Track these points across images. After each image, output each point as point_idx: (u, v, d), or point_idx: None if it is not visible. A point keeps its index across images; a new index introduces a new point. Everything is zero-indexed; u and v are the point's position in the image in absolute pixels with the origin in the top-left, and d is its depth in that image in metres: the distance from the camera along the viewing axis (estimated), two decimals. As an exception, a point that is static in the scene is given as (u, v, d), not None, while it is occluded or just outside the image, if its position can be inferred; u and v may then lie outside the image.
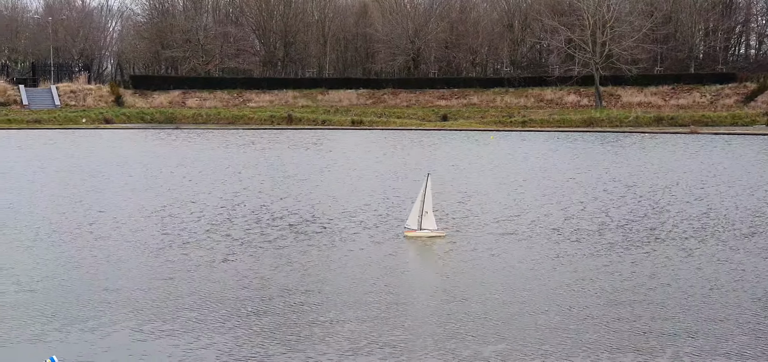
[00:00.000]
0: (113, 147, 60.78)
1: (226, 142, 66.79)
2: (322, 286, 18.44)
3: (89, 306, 16.50)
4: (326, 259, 21.26)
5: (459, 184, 37.68)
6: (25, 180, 38.26)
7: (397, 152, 57.86)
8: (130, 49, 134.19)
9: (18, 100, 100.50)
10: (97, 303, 16.69)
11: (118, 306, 16.50)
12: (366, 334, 14.86)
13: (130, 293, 17.55)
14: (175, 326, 15.24)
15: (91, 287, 18.05)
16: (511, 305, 16.95)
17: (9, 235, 23.90)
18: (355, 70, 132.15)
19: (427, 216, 23.42)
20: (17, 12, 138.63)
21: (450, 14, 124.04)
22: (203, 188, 35.46)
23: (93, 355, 13.67)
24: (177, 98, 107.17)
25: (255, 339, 14.51)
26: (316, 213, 28.52)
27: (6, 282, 18.34)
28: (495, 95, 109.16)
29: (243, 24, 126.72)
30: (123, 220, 26.74)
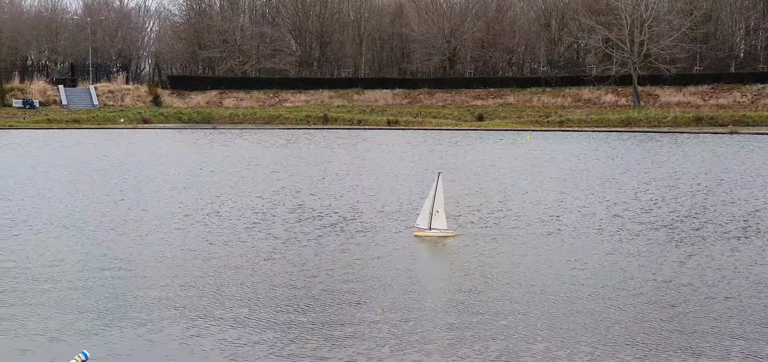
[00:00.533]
0: (152, 146, 61.25)
1: (262, 141, 67.06)
2: (365, 283, 18.41)
3: (138, 303, 16.60)
4: (368, 256, 21.22)
5: (498, 184, 37.52)
6: (66, 178, 38.60)
7: (433, 152, 57.73)
8: (168, 50, 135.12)
9: (57, 99, 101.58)
10: (147, 301, 16.78)
11: (167, 303, 16.58)
12: (409, 332, 14.79)
13: (177, 290, 17.62)
14: (224, 322, 15.27)
15: (140, 284, 18.16)
16: (557, 304, 16.81)
17: (55, 233, 24.11)
18: (390, 70, 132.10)
19: (437, 216, 23.12)
20: (57, 13, 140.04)
21: (486, 13, 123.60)
22: (242, 187, 35.59)
23: (145, 351, 13.73)
24: (214, 98, 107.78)
25: (302, 335, 14.49)
26: (355, 212, 28.50)
27: (59, 278, 18.50)
28: (532, 95, 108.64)
29: (279, 24, 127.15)
30: (166, 219, 26.89)
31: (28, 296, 17.10)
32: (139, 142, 66.07)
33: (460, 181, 38.56)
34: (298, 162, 48.57)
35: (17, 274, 18.92)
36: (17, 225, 25.39)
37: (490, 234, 24.44)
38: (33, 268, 19.55)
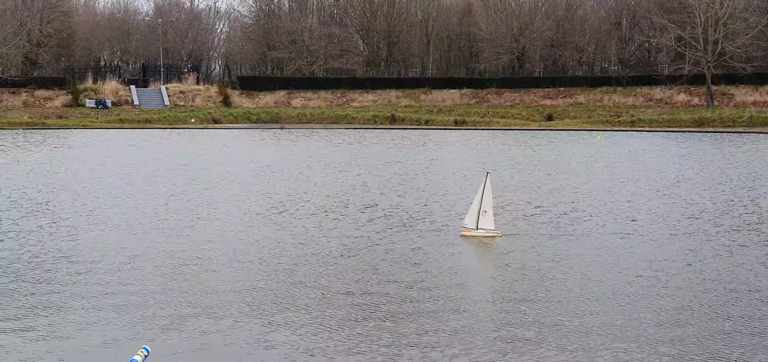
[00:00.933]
0: (222, 146, 61.85)
1: (330, 141, 67.25)
2: (438, 282, 18.24)
3: (213, 300, 16.66)
4: (442, 256, 21.03)
5: (569, 185, 37.03)
6: (139, 177, 39.08)
7: (502, 152, 57.31)
8: (238, 51, 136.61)
9: (129, 100, 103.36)
10: (221, 298, 16.84)
11: (243, 299, 16.61)
12: (484, 332, 14.57)
13: (251, 288, 17.64)
14: (301, 320, 15.21)
15: (215, 282, 18.24)
16: (634, 305, 16.43)
17: (132, 229, 24.36)
18: (458, 70, 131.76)
19: (485, 216, 22.82)
20: (129, 14, 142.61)
21: (556, 12, 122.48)
22: (311, 186, 35.64)
23: (220, 347, 13.74)
24: (282, 98, 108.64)
25: (376, 334, 14.37)
26: (426, 211, 28.32)
27: (138, 273, 18.67)
28: (602, 94, 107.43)
29: (347, 24, 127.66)
30: (238, 217, 27.04)
31: (109, 289, 17.29)
32: (210, 141, 66.79)
33: (530, 181, 38.19)
34: (367, 161, 48.55)
35: (99, 268, 19.16)
36: (96, 221, 25.74)
37: (563, 234, 24.07)
38: (113, 263, 19.77)
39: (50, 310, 15.74)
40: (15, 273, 18.68)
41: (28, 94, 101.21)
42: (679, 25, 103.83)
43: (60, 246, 21.79)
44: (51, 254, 20.73)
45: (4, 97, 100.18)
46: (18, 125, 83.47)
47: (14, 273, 18.61)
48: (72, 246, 21.74)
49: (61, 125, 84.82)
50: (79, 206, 29.07)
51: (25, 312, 15.54)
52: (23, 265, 19.44)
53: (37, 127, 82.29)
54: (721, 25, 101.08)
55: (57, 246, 21.80)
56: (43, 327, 14.71)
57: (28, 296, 16.74)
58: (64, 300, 16.53)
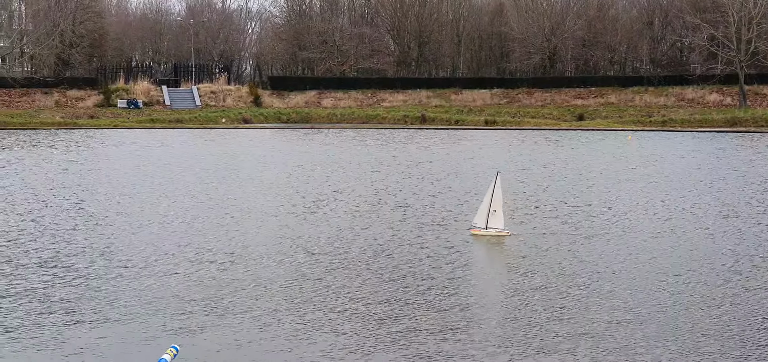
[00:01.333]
0: (253, 145, 62.06)
1: (362, 141, 67.30)
2: (472, 280, 18.20)
3: (249, 297, 16.68)
4: (473, 254, 20.98)
5: (601, 184, 36.81)
6: (170, 177, 39.27)
7: (533, 152, 57.05)
8: (269, 51, 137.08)
9: (161, 100, 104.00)
10: (257, 295, 16.86)
11: (278, 299, 16.63)
12: (515, 334, 14.50)
13: (286, 286, 17.69)
14: (336, 318, 15.21)
15: (250, 279, 18.28)
16: (672, 306, 16.28)
17: (168, 228, 24.49)
18: (489, 70, 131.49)
19: (495, 215, 22.79)
20: (161, 15, 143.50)
21: (587, 12, 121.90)
22: (344, 185, 35.67)
23: (255, 344, 13.77)
24: (313, 98, 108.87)
25: (411, 331, 14.33)
26: (459, 211, 28.24)
27: (174, 269, 18.76)
28: (634, 94, 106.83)
29: (378, 24, 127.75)
30: (271, 215, 27.12)
31: (144, 286, 17.39)
32: (241, 141, 67.04)
33: (561, 181, 38.00)
34: (398, 161, 48.51)
35: (135, 264, 19.29)
36: (133, 221, 25.89)
37: (598, 234, 23.91)
38: (149, 259, 19.90)
39: (86, 306, 15.86)
40: (52, 271, 18.85)
41: (60, 94, 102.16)
42: (712, 25, 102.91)
43: (96, 243, 21.98)
44: (89, 251, 20.91)
45: (36, 97, 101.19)
46: (50, 125, 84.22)
47: (51, 272, 18.77)
48: (108, 244, 21.93)
49: (93, 125, 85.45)
50: (114, 204, 29.28)
51: (64, 309, 15.67)
52: (60, 262, 19.60)
53: (69, 127, 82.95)
54: (755, 24, 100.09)
55: (93, 243, 21.98)
56: (82, 321, 14.83)
57: (66, 292, 16.88)
58: (99, 296, 16.66)
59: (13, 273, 18.45)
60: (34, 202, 29.55)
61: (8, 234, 23.11)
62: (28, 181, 36.47)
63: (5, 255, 20.32)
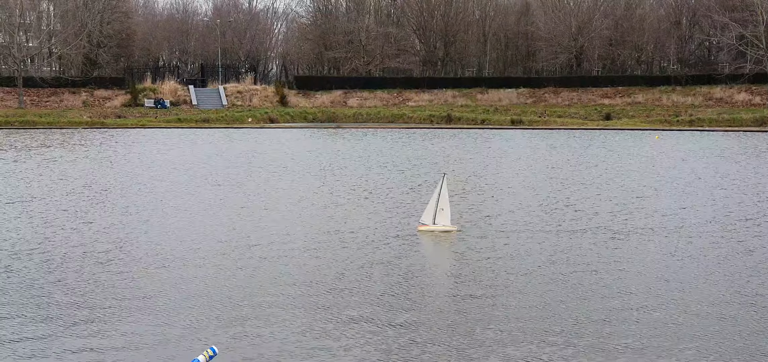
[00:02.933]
0: (280, 145, 62.08)
1: (387, 139, 67.16)
2: (501, 278, 18.10)
3: (274, 300, 16.66)
4: (505, 254, 20.86)
5: (628, 184, 36.53)
6: (196, 177, 39.37)
7: (558, 152, 56.67)
8: (295, 51, 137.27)
9: (188, 99, 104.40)
10: (284, 298, 16.85)
11: (299, 300, 16.61)
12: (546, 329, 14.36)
13: (304, 286, 17.68)
14: (372, 317, 15.16)
15: (277, 279, 18.28)
16: (702, 315, 16.08)
17: (192, 227, 24.57)
18: (515, 69, 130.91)
19: (442, 213, 24.11)
20: (188, 15, 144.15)
21: (615, 11, 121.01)
22: (370, 186, 35.64)
23: (294, 344, 13.75)
24: (338, 98, 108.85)
25: (436, 336, 14.22)
26: (489, 211, 28.13)
27: (200, 265, 18.79)
28: (661, 94, 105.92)
29: (404, 24, 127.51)
30: (296, 213, 27.12)
31: (167, 284, 17.46)
32: (268, 140, 67.10)
33: (589, 182, 37.75)
34: (425, 160, 48.34)
35: (156, 260, 19.39)
36: (165, 217, 26.00)
37: (621, 234, 23.72)
38: (174, 254, 19.99)
39: (124, 302, 15.92)
40: (78, 268, 18.94)
41: (87, 94, 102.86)
42: (741, 24, 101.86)
43: (130, 240, 22.11)
44: (125, 248, 21.07)
45: (64, 97, 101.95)
46: (78, 124, 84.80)
47: (77, 268, 18.86)
48: (145, 241, 22.14)
49: (120, 125, 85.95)
50: (155, 201, 29.42)
51: (101, 305, 15.73)
52: (90, 261, 19.69)
53: (97, 127, 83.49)
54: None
55: (126, 240, 22.12)
56: (120, 318, 14.92)
57: (95, 288, 16.96)
58: (138, 291, 16.72)
59: (51, 267, 18.68)
60: (72, 198, 29.79)
61: (63, 230, 23.37)
62: (69, 175, 36.83)
63: (49, 249, 20.59)
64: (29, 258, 20.13)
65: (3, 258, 20.17)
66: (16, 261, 19.81)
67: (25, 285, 17.68)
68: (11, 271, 18.83)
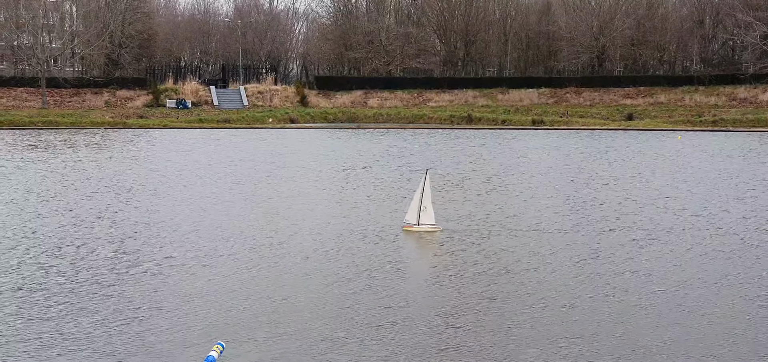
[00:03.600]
0: (303, 145, 62.08)
1: (407, 139, 67.06)
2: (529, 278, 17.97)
3: (290, 309, 16.59)
4: (531, 253, 20.73)
5: (654, 184, 36.28)
6: (228, 177, 39.45)
7: (580, 152, 56.39)
8: (315, 51, 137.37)
9: (209, 100, 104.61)
10: (296, 306, 16.78)
11: (321, 304, 16.54)
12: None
13: (327, 287, 17.59)
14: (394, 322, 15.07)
15: (296, 283, 18.21)
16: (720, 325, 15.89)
17: (224, 227, 24.57)
18: (536, 69, 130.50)
19: (425, 212, 23.80)
20: (209, 15, 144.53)
21: (637, 10, 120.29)
22: (392, 187, 35.55)
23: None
24: (359, 98, 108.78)
25: (460, 338, 14.12)
26: (515, 210, 27.99)
27: (224, 260, 18.76)
28: (683, 94, 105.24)
29: (424, 24, 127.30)
30: (321, 211, 27.08)
31: (185, 284, 17.42)
32: (290, 140, 67.15)
33: (613, 182, 37.54)
34: (448, 162, 48.21)
35: (188, 263, 19.35)
36: (194, 216, 26.03)
37: (647, 237, 23.53)
38: (200, 253, 19.97)
39: (148, 300, 15.92)
40: (111, 266, 18.97)
41: (110, 94, 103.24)
42: (765, 23, 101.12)
43: (158, 239, 22.13)
44: (154, 246, 21.08)
45: (87, 97, 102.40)
46: (100, 125, 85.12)
47: (111, 266, 18.89)
48: (175, 239, 22.16)
49: (142, 125, 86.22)
50: (181, 201, 29.47)
51: (127, 305, 15.74)
52: (111, 260, 19.71)
53: (119, 127, 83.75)
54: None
55: (155, 238, 22.14)
56: (146, 316, 14.90)
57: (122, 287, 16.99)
58: (162, 288, 16.72)
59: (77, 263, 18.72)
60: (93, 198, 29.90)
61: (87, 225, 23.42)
62: (95, 174, 36.96)
63: (79, 246, 20.65)
64: (63, 257, 20.19)
65: (38, 257, 20.27)
66: (52, 259, 19.89)
67: (64, 281, 17.77)
68: (48, 269, 18.90)
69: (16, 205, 28.89)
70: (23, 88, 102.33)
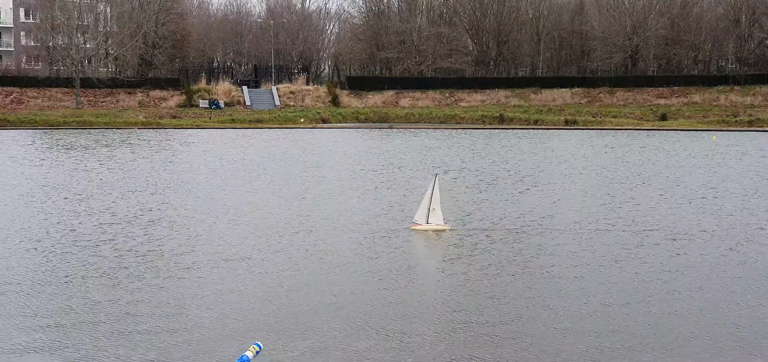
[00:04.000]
0: (335, 145, 62.14)
1: (440, 139, 66.93)
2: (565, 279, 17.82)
3: (314, 312, 16.57)
4: (565, 253, 20.58)
5: (690, 184, 35.92)
6: (262, 177, 39.50)
7: (614, 152, 56.00)
8: (347, 51, 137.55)
9: (241, 100, 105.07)
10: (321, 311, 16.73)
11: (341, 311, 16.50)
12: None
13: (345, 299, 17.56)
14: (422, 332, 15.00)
15: (319, 290, 18.19)
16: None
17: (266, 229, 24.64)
18: (569, 69, 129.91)
19: (434, 213, 24.28)
20: (242, 16, 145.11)
21: (671, 10, 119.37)
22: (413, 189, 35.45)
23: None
24: (390, 98, 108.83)
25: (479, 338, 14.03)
26: (551, 210, 27.84)
27: (250, 259, 18.80)
28: (718, 93, 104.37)
29: (456, 24, 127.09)
30: (353, 212, 27.06)
31: (226, 281, 17.46)
32: (321, 140, 67.29)
33: (649, 181, 37.22)
34: (478, 163, 48.06)
35: (226, 262, 19.42)
36: (228, 217, 26.12)
37: (687, 234, 23.28)
38: (238, 252, 20.03)
39: (178, 305, 15.97)
40: (151, 263, 19.06)
41: (143, 95, 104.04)
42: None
43: (200, 236, 22.21)
44: (195, 245, 21.16)
45: (120, 97, 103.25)
46: (133, 125, 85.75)
47: (151, 263, 18.98)
48: (214, 238, 22.24)
49: (175, 125, 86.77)
50: (220, 200, 29.58)
51: (158, 307, 15.80)
52: (170, 258, 19.80)
53: (152, 127, 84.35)
54: None
55: (199, 237, 22.23)
56: (172, 319, 14.96)
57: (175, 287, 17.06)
58: (197, 291, 16.76)
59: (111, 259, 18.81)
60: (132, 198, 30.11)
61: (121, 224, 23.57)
62: (130, 173, 37.22)
63: (118, 244, 20.77)
64: (102, 255, 20.30)
65: (76, 252, 20.45)
66: (92, 257, 20.02)
67: (105, 279, 17.90)
68: (88, 266, 19.03)
69: (54, 204, 29.09)
70: (58, 89, 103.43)
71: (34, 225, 24.51)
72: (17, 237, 22.43)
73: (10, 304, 15.80)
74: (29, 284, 17.34)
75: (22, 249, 20.92)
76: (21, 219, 25.47)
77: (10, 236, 22.64)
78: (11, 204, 29.00)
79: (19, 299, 16.17)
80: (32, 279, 17.71)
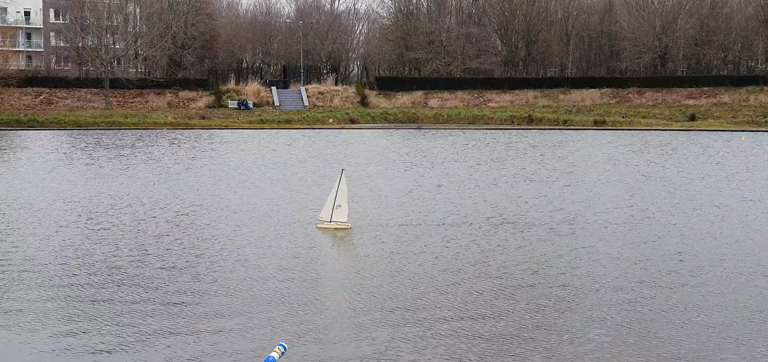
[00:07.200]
0: (363, 146, 62.23)
1: (469, 140, 66.87)
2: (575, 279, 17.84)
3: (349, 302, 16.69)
4: (579, 253, 20.58)
5: (723, 184, 35.76)
6: (296, 176, 39.66)
7: (644, 153, 55.70)
8: (376, 52, 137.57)
9: (270, 101, 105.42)
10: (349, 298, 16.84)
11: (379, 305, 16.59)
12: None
13: (374, 291, 17.66)
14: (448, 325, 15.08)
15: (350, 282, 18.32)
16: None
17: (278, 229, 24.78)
18: (598, 69, 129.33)
19: (339, 209, 24.23)
20: (271, 16, 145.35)
21: (700, 10, 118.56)
22: (449, 190, 35.51)
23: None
24: (419, 99, 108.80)
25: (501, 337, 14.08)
26: (581, 209, 27.84)
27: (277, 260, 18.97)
28: (748, 94, 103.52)
29: (485, 24, 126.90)
30: (376, 211, 27.16)
31: (271, 281, 17.62)
32: (351, 140, 67.41)
33: (681, 182, 37.05)
34: (504, 166, 47.99)
35: (230, 266, 19.61)
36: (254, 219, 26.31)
37: (726, 234, 23.22)
38: (282, 253, 20.21)
39: (199, 306, 16.15)
40: (186, 263, 19.25)
41: (172, 95, 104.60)
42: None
43: (235, 238, 22.41)
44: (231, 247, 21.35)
45: (149, 98, 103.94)
46: (162, 125, 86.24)
47: (187, 263, 19.18)
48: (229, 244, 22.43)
49: (204, 126, 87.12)
50: (254, 202, 29.80)
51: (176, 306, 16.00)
52: (169, 264, 20.00)
53: (181, 128, 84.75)
54: None
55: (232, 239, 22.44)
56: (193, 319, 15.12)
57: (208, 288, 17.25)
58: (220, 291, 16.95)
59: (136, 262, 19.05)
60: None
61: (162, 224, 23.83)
62: (161, 174, 37.57)
63: (157, 243, 21.01)
64: (140, 254, 20.57)
65: (116, 253, 20.81)
66: (128, 256, 20.30)
67: (143, 277, 18.19)
68: (126, 266, 19.31)
69: (90, 201, 29.42)
70: (87, 89, 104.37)
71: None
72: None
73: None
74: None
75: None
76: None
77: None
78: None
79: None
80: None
